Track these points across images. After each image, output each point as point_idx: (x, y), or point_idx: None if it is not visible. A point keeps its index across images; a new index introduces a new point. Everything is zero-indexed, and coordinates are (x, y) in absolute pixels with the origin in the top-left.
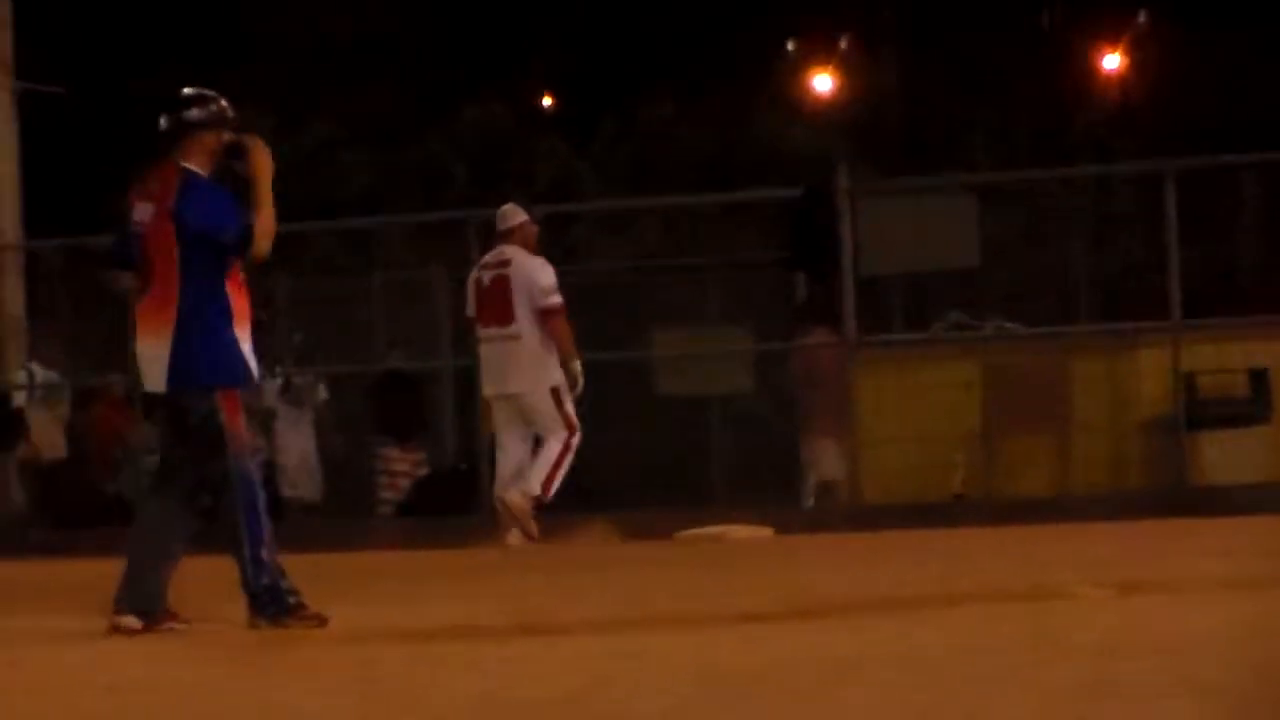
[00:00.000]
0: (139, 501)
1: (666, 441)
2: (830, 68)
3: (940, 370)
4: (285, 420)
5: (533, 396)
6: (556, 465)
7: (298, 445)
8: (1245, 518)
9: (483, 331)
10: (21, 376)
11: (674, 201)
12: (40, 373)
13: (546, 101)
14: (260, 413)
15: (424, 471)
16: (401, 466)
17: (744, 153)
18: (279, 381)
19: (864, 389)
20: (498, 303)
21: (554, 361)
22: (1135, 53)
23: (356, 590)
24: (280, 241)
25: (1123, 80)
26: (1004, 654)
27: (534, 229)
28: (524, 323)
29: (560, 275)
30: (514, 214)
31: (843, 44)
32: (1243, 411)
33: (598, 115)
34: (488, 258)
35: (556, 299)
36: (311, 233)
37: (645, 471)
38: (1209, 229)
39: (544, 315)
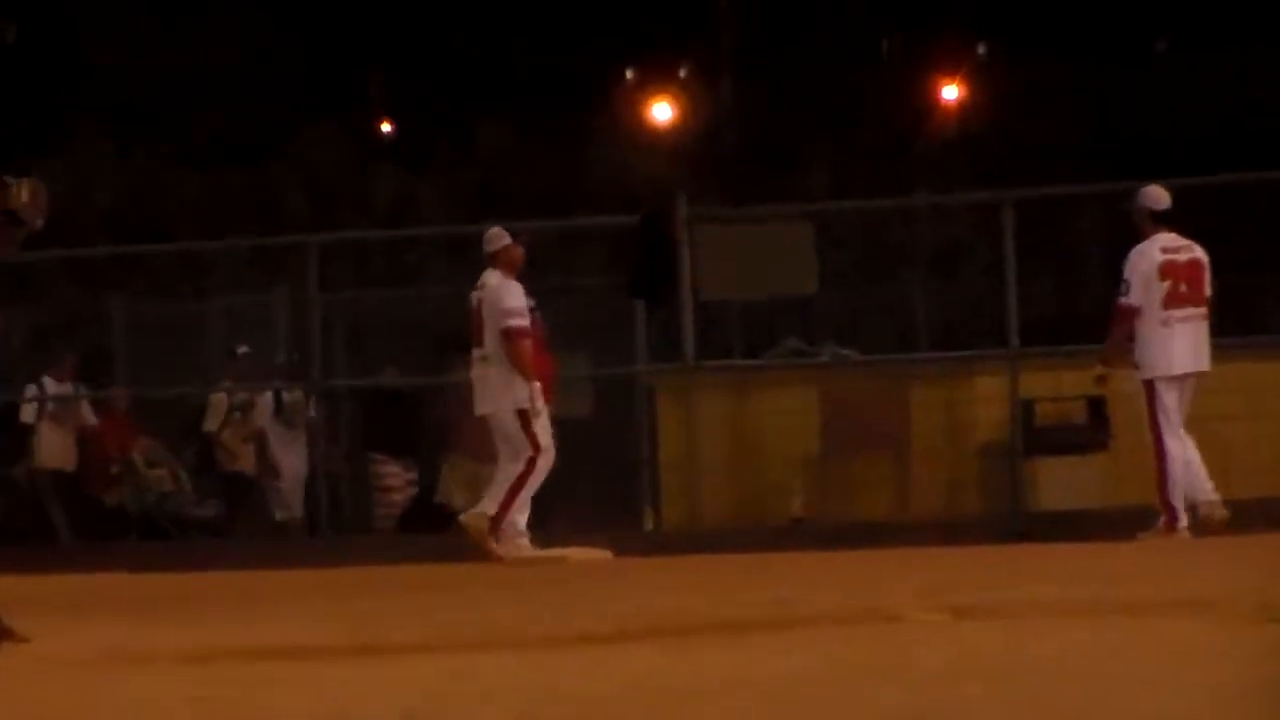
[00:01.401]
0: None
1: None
2: (669, 96)
3: (778, 396)
4: (279, 441)
5: (498, 417)
6: (515, 487)
7: (292, 466)
8: (1081, 544)
9: (472, 353)
10: (31, 390)
11: (513, 227)
12: (52, 386)
13: (385, 127)
14: (254, 435)
15: (412, 490)
16: (396, 482)
17: (584, 179)
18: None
19: (703, 414)
20: (476, 325)
21: (521, 382)
22: (974, 83)
23: (200, 610)
24: (117, 265)
25: (961, 110)
26: (839, 678)
27: (518, 251)
28: (491, 345)
29: (398, 301)
30: (496, 238)
31: (682, 72)
32: (1080, 439)
33: (436, 141)
34: (479, 280)
35: (515, 321)
36: (149, 256)
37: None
38: (1047, 257)
39: (504, 336)
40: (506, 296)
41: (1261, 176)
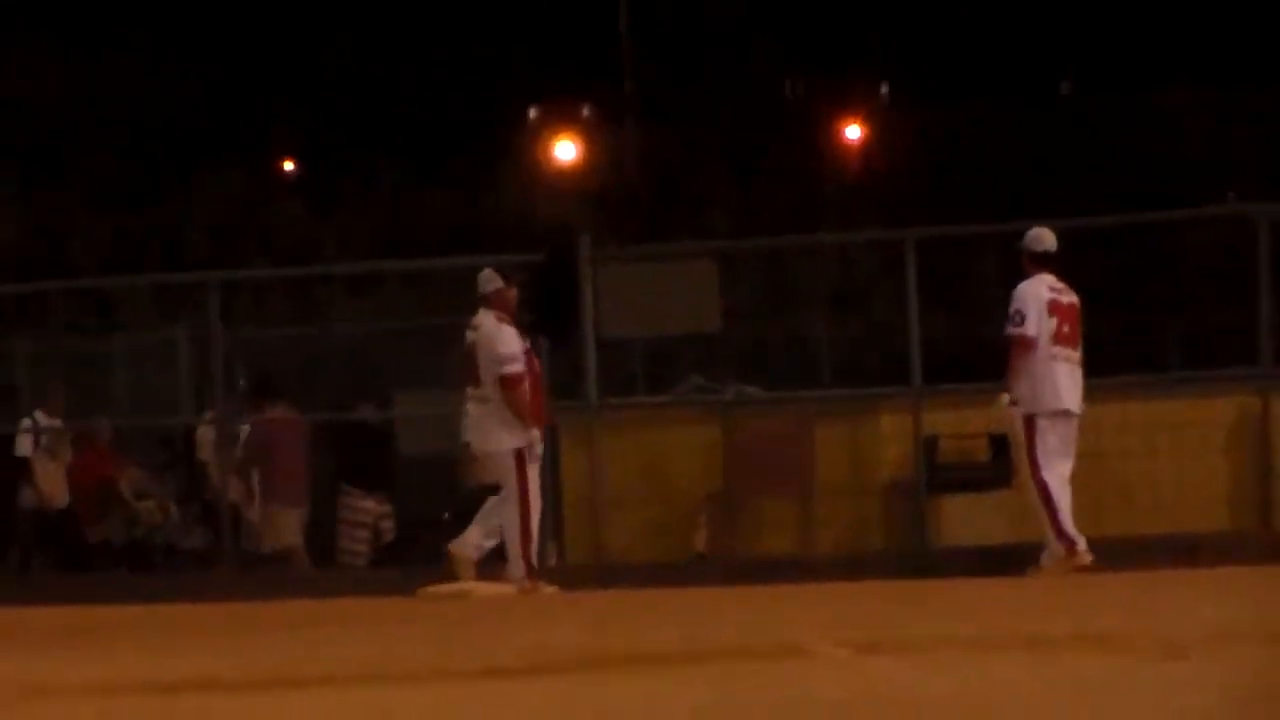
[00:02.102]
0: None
1: (410, 499)
2: (573, 135)
3: (682, 433)
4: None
5: (494, 458)
6: (523, 531)
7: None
8: (984, 580)
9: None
10: (26, 424)
11: (417, 265)
12: (44, 420)
13: (288, 166)
14: (239, 466)
15: (387, 524)
16: (366, 518)
17: (487, 217)
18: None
19: (606, 451)
20: (471, 366)
21: (519, 425)
22: (877, 123)
23: (113, 642)
24: (21, 302)
25: (864, 150)
26: (743, 712)
27: (511, 294)
28: (487, 386)
29: (301, 338)
30: (489, 280)
31: (585, 112)
32: (983, 476)
33: (340, 179)
34: (473, 320)
35: (511, 368)
36: (53, 293)
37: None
38: (950, 295)
39: (501, 384)
40: (500, 342)
41: (1161, 217)
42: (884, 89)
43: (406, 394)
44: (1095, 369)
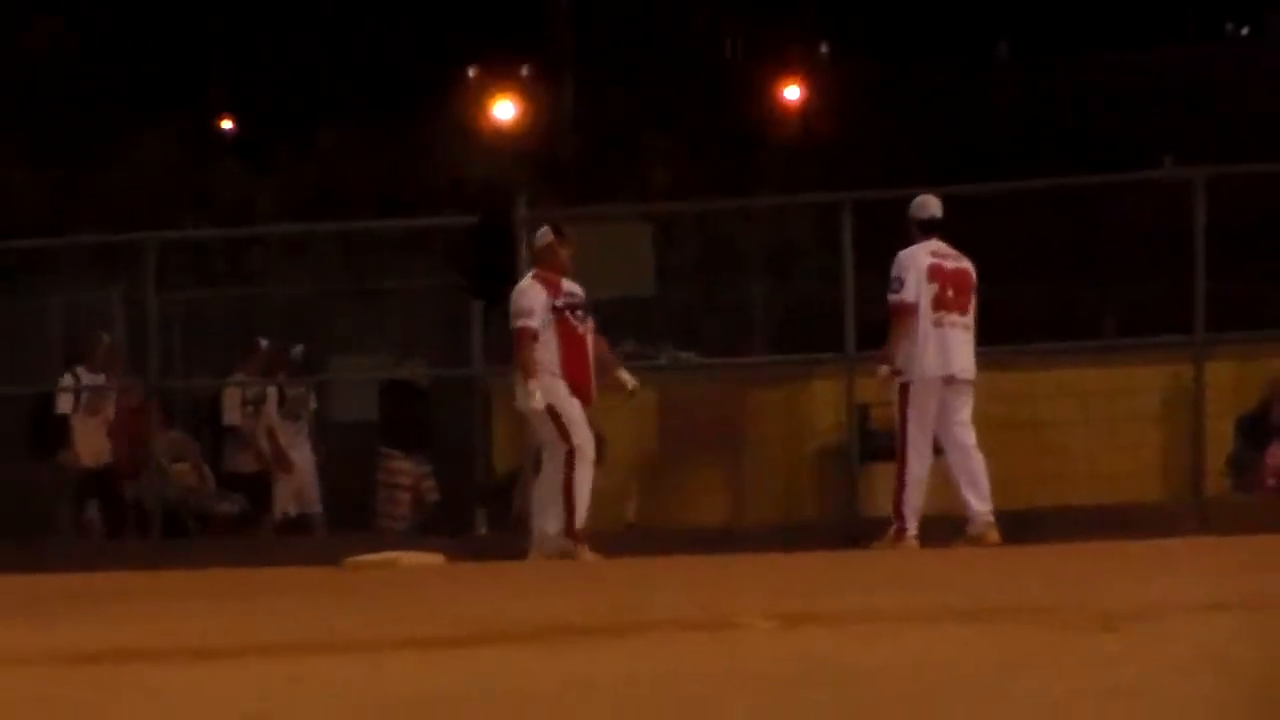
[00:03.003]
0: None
1: (340, 467)
2: (511, 95)
3: (614, 398)
4: (286, 435)
5: (534, 416)
6: (567, 491)
7: (299, 459)
8: (916, 550)
9: None
10: (66, 380)
11: (353, 227)
12: (86, 377)
13: (226, 125)
14: (265, 429)
15: (429, 484)
16: (406, 480)
17: (424, 179)
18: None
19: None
20: None
21: (546, 381)
22: (816, 84)
23: (55, 611)
24: None
25: (803, 111)
26: (676, 683)
27: (563, 251)
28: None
29: (237, 300)
30: (541, 235)
31: (524, 71)
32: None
33: (277, 140)
34: None
35: (520, 321)
36: None
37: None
38: (886, 261)
39: (512, 336)
40: (520, 296)
41: (1097, 181)
42: (824, 49)
43: (341, 358)
44: (1028, 335)
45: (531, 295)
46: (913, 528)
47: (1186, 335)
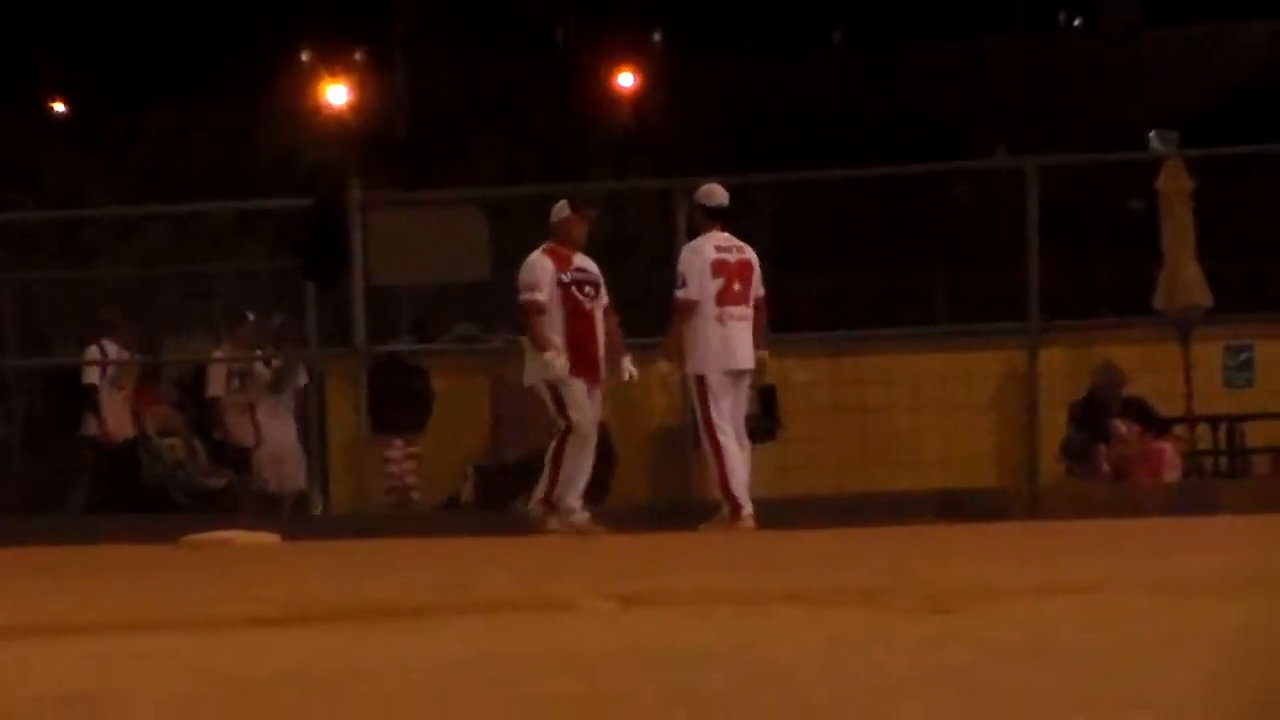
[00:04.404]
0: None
1: None
2: (344, 79)
3: (449, 381)
4: (265, 408)
5: (535, 390)
6: (554, 464)
7: (279, 433)
8: (750, 532)
9: None
10: (94, 354)
11: (185, 209)
12: (112, 350)
13: (58, 107)
14: (249, 404)
15: (410, 466)
16: (395, 455)
17: (257, 161)
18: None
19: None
20: None
21: (549, 356)
22: (649, 71)
23: None
24: None
25: (637, 98)
26: (507, 663)
27: (577, 226)
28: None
29: (67, 282)
30: (558, 210)
31: (357, 55)
32: (751, 427)
33: (109, 121)
34: None
35: (525, 295)
36: None
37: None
38: None
39: (519, 309)
40: (525, 270)
41: (932, 169)
42: (657, 36)
43: (175, 339)
44: (861, 321)
45: (538, 269)
46: (748, 506)
47: (1020, 322)
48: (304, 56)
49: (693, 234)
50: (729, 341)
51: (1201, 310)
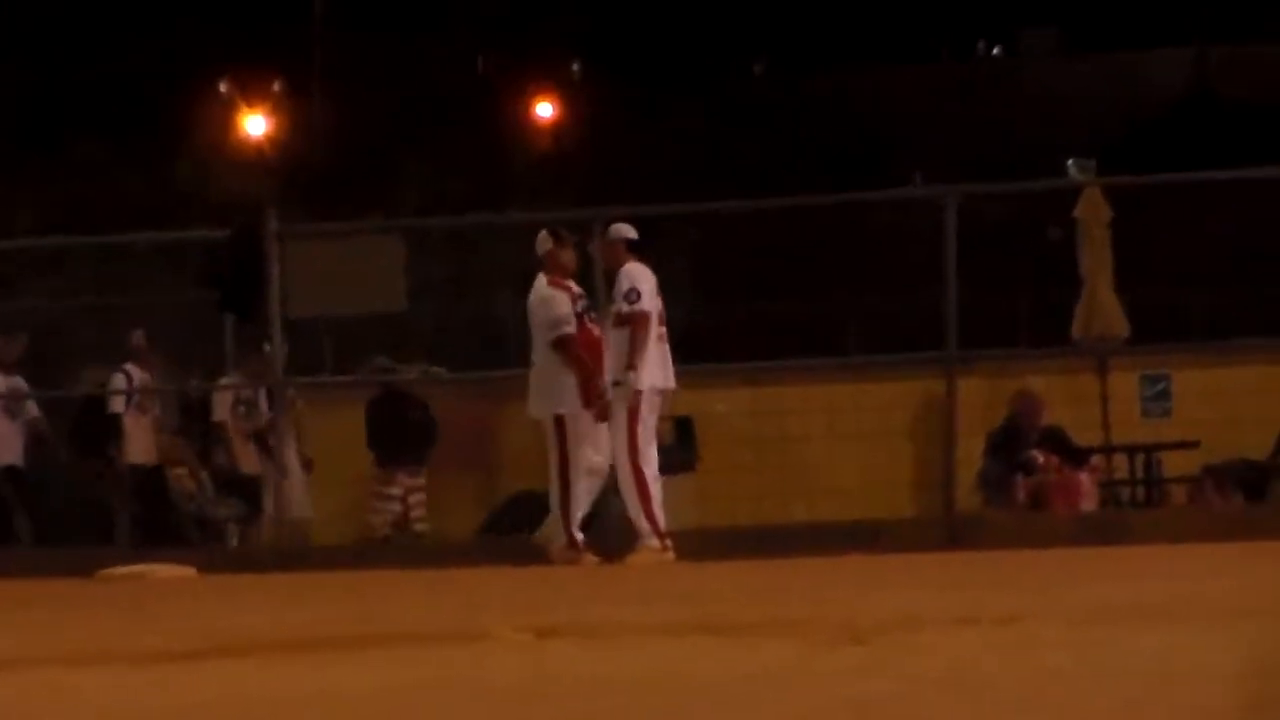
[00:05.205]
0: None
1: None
2: (263, 110)
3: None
4: (276, 437)
5: (543, 424)
6: (563, 503)
7: (293, 463)
8: (668, 564)
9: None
10: (120, 381)
11: (104, 240)
12: (137, 375)
13: None
14: (255, 432)
15: (417, 498)
16: (396, 490)
17: (176, 192)
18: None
19: (301, 430)
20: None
21: (562, 390)
22: (568, 101)
23: None
24: None
25: (555, 127)
26: (421, 694)
27: (565, 255)
28: (538, 351)
29: None
30: (542, 242)
31: (276, 86)
32: (668, 460)
33: (28, 151)
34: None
35: (560, 331)
36: None
37: (69, 507)
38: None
39: (554, 347)
40: (550, 306)
41: (852, 198)
42: (575, 67)
43: (95, 371)
44: (778, 351)
45: (559, 302)
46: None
47: (938, 351)
48: (222, 87)
49: (610, 265)
50: (664, 361)
51: (1119, 340)
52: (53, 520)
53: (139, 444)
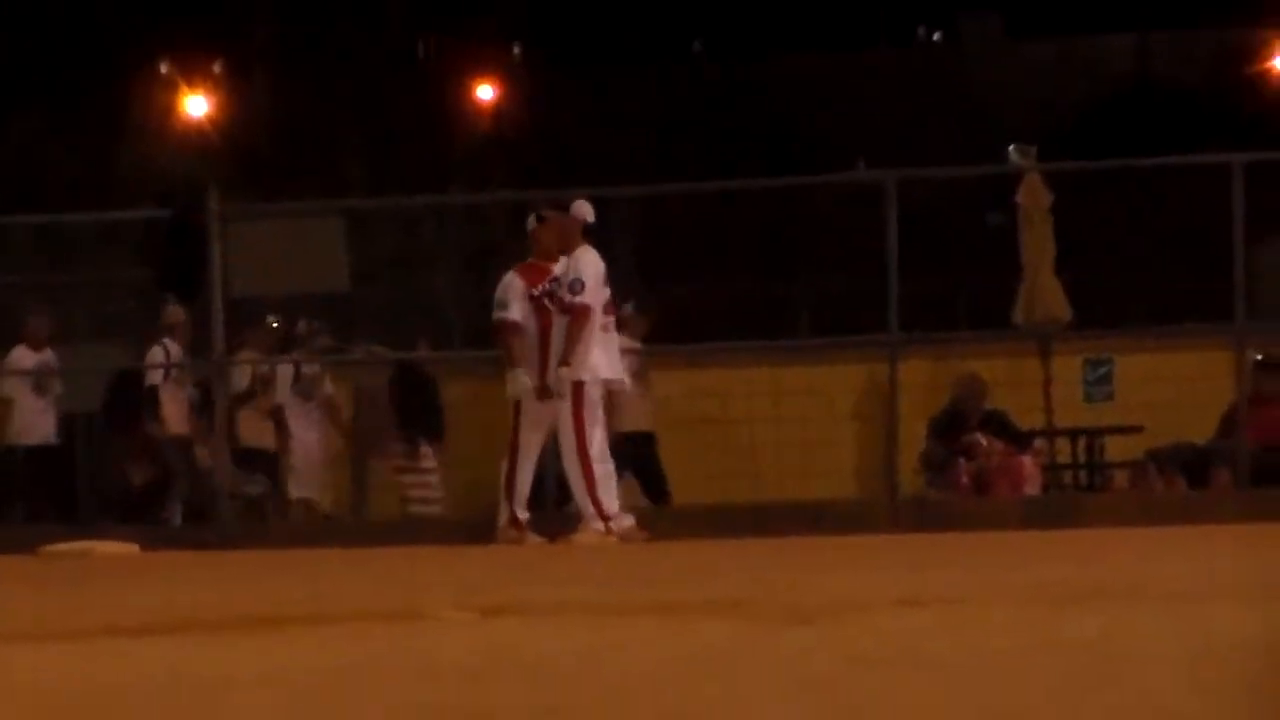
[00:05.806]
0: None
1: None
2: (204, 89)
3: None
4: (294, 414)
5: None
6: (508, 488)
7: (306, 442)
8: (611, 544)
9: None
10: (158, 354)
11: (45, 219)
12: (174, 349)
13: None
14: (272, 410)
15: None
16: (431, 464)
17: (117, 172)
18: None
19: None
20: None
21: (515, 374)
22: (509, 84)
23: None
24: None
25: (496, 110)
26: (366, 673)
27: (542, 232)
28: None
29: None
30: (529, 224)
31: (216, 67)
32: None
33: None
34: None
35: (497, 314)
36: None
37: (14, 484)
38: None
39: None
40: (500, 291)
41: (796, 182)
42: (516, 49)
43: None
44: (722, 333)
45: (507, 288)
46: (614, 519)
47: (881, 334)
48: (163, 68)
49: (564, 246)
50: (609, 352)
51: (1061, 324)
52: (82, 499)
53: (175, 416)
